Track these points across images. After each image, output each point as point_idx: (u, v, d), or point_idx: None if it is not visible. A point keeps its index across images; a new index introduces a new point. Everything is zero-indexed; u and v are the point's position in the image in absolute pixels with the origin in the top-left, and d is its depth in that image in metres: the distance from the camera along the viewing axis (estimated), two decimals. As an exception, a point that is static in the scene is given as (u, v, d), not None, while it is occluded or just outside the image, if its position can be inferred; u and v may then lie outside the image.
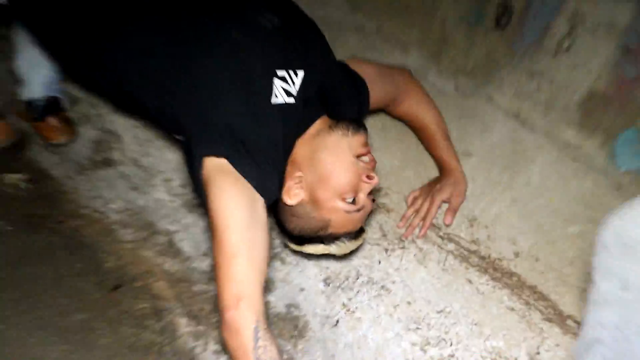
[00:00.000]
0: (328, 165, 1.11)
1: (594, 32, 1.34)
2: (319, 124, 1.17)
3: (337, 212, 1.12)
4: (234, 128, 1.05)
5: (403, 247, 1.33)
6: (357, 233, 1.19)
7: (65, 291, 1.21)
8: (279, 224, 1.22)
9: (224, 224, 0.98)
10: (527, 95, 1.43)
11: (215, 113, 1.06)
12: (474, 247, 1.31)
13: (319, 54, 1.21)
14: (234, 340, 0.95)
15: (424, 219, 1.33)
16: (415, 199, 1.37)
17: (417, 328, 1.21)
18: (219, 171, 1.03)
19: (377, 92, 1.30)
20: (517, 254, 1.29)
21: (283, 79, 1.11)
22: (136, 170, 1.53)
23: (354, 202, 1.11)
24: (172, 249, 1.37)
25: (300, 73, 1.14)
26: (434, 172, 1.39)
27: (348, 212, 1.11)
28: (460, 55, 1.48)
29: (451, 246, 1.31)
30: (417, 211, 1.35)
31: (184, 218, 1.42)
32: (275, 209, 1.19)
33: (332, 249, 1.20)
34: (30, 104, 1.52)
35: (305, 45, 1.17)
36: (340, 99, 1.24)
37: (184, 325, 1.20)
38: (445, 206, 1.34)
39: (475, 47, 1.47)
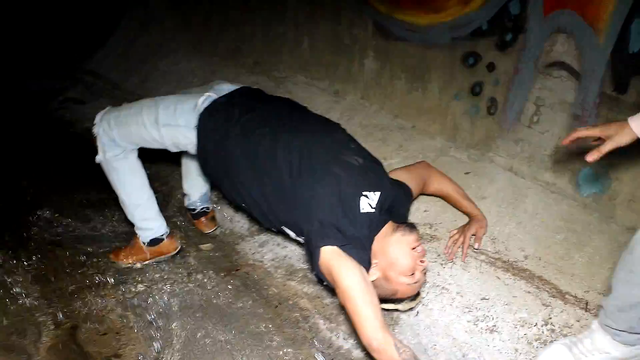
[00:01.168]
0: (394, 256, 1.43)
1: (552, 108, 1.87)
2: (387, 227, 1.50)
3: (401, 285, 1.45)
4: (340, 228, 1.42)
5: (452, 262, 1.82)
6: (415, 296, 1.57)
7: (247, 312, 1.81)
8: None
9: (351, 285, 1.32)
10: (515, 155, 1.95)
11: (328, 219, 1.43)
12: (497, 256, 1.78)
13: (386, 180, 1.60)
14: (384, 354, 1.28)
15: (461, 247, 1.76)
16: (453, 234, 1.82)
17: (469, 311, 1.68)
18: (336, 254, 1.37)
19: (413, 187, 1.72)
20: (526, 257, 1.76)
21: (367, 197, 1.48)
22: (273, 234, 2.16)
23: (413, 277, 1.46)
24: (307, 279, 1.93)
25: (378, 193, 1.50)
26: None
27: (409, 284, 1.45)
28: (468, 136, 2.06)
29: (483, 257, 1.80)
30: (454, 242, 1.79)
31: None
32: None
33: (400, 306, 1.56)
34: (192, 209, 2.23)
35: (378, 175, 1.57)
36: (399, 204, 1.63)
37: (322, 324, 1.76)
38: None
39: (477, 129, 2.04)
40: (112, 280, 1.97)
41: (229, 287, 1.93)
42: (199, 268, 2.05)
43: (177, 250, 2.06)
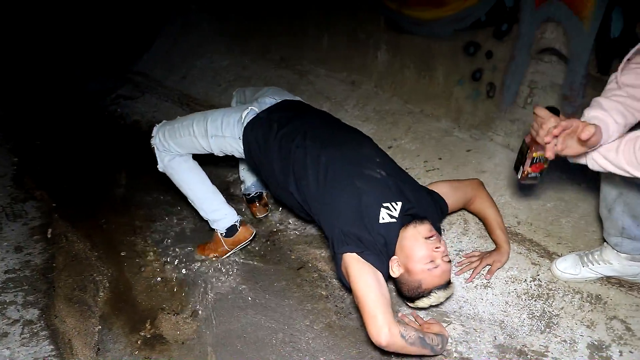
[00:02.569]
0: (409, 248, 1.50)
1: (544, 90, 2.01)
2: (404, 227, 1.56)
3: (422, 273, 1.49)
4: (359, 237, 1.50)
5: (451, 226, 1.97)
6: (446, 285, 1.55)
7: (272, 272, 2.02)
8: (398, 292, 1.65)
9: (363, 289, 1.41)
10: (511, 133, 2.10)
11: (348, 228, 1.52)
12: (493, 223, 1.95)
13: (410, 190, 1.65)
14: (394, 346, 1.38)
15: (474, 270, 1.77)
16: (471, 256, 1.82)
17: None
18: (354, 260, 1.47)
19: (452, 201, 1.77)
20: (519, 222, 1.91)
21: (387, 208, 1.54)
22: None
23: (432, 263, 1.49)
24: (324, 245, 2.10)
25: (400, 203, 1.55)
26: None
27: (429, 270, 1.47)
28: (470, 117, 2.21)
29: (480, 224, 1.94)
30: (469, 263, 1.79)
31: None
32: (395, 284, 1.60)
33: (431, 300, 1.54)
34: (247, 194, 2.35)
35: (401, 186, 1.61)
36: (425, 213, 1.63)
37: (337, 283, 1.92)
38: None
39: (478, 111, 2.19)
40: (157, 247, 2.23)
41: (258, 252, 2.16)
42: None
43: (253, 235, 2.10)
